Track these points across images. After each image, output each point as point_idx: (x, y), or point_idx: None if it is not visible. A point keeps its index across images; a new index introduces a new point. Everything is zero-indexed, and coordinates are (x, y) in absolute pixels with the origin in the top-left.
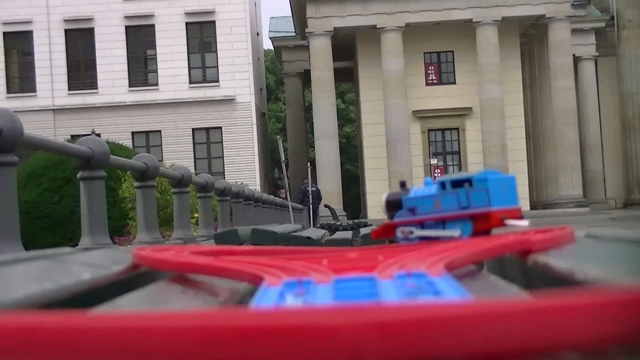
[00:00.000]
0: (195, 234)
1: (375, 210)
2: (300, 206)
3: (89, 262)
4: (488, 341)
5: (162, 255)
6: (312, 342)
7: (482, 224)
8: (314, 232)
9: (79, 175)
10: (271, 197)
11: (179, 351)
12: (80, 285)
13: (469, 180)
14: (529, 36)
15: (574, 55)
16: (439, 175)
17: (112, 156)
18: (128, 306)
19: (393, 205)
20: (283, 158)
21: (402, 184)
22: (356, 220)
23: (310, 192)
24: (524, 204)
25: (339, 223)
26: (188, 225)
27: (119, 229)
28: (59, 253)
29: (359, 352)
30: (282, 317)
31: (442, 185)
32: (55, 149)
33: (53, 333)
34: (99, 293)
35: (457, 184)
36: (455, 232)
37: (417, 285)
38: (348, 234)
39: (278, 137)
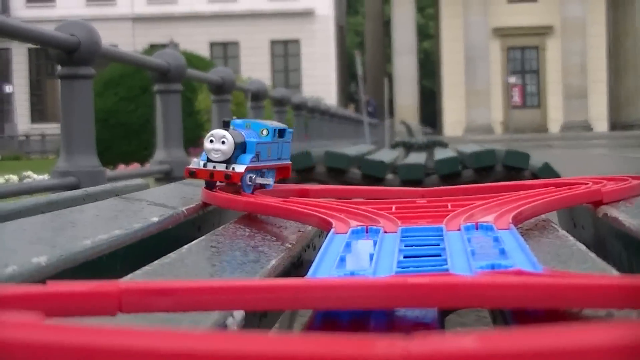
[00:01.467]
0: None
1: (451, 127)
2: (376, 121)
3: (157, 200)
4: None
5: (229, 195)
6: None
7: (280, 174)
8: (387, 154)
9: (155, 88)
10: (347, 111)
11: None
12: (150, 229)
13: (283, 131)
14: None
15: None
16: (517, 94)
17: (188, 69)
18: (193, 253)
19: (237, 147)
20: (360, 73)
21: (226, 124)
22: (431, 139)
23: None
24: (603, 125)
25: (414, 140)
26: None
27: (194, 140)
28: (128, 187)
29: None
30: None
31: (273, 132)
32: (132, 62)
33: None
34: (168, 234)
35: (280, 133)
36: (270, 181)
37: (483, 238)
38: (422, 158)
39: (356, 51)
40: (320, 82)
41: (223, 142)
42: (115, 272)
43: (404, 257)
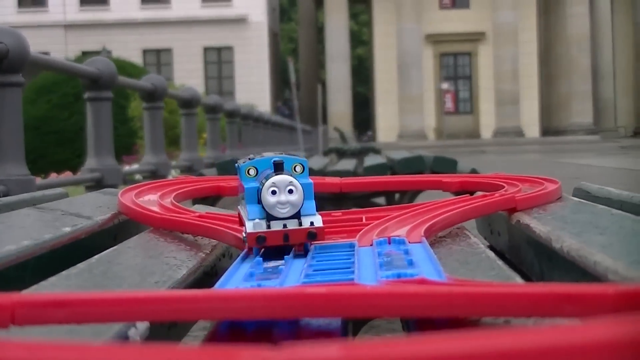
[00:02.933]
0: (203, 155)
1: (385, 133)
2: (310, 128)
3: (72, 210)
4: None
5: (144, 211)
6: None
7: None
8: (318, 161)
9: (85, 95)
10: (280, 118)
11: None
12: (61, 239)
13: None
14: None
15: None
16: (450, 100)
17: (120, 77)
18: (102, 262)
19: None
20: (293, 80)
21: (278, 166)
22: (364, 145)
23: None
24: (534, 131)
25: (347, 147)
26: (195, 147)
27: (127, 147)
28: (46, 197)
29: None
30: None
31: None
32: (62, 70)
33: None
34: (81, 244)
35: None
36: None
37: (393, 252)
38: (351, 164)
39: (289, 58)
40: (253, 89)
41: (291, 192)
42: (24, 283)
43: (314, 270)
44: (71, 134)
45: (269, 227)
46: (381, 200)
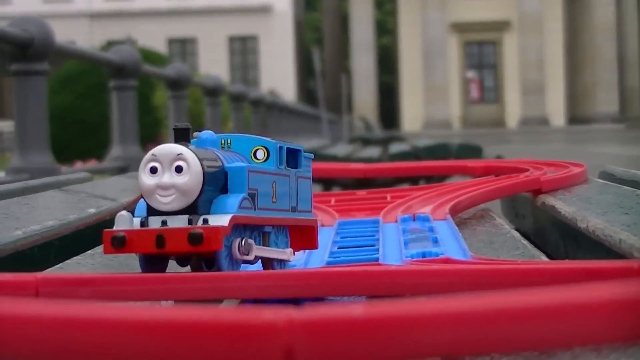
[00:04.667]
0: None
1: (410, 122)
2: (335, 117)
3: (97, 192)
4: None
5: None
6: (245, 341)
7: (298, 239)
8: (342, 149)
9: (111, 84)
10: (305, 107)
11: (105, 346)
12: (86, 220)
13: (297, 153)
14: None
15: None
16: (475, 89)
17: (144, 65)
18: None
19: (210, 178)
20: (318, 69)
21: (181, 133)
22: (388, 134)
23: None
24: (560, 120)
25: (372, 135)
26: None
27: (152, 136)
28: (70, 180)
29: (292, 354)
30: (212, 315)
31: (278, 154)
32: (86, 58)
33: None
34: (107, 226)
35: (291, 156)
36: (284, 253)
37: (418, 229)
38: (377, 151)
39: (313, 48)
40: (278, 78)
41: (179, 170)
42: (49, 263)
43: (338, 248)
44: (95, 124)
45: (144, 224)
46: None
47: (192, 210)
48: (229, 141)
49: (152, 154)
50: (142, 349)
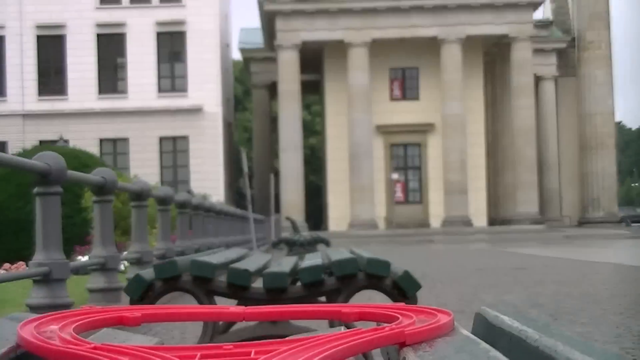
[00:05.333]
0: (154, 245)
1: (336, 222)
2: (262, 217)
3: None
4: None
5: (41, 343)
6: None
7: None
8: (256, 261)
9: (34, 190)
10: (232, 208)
11: None
12: None
13: None
14: (492, 55)
15: (535, 74)
16: (400, 190)
17: (69, 171)
18: None
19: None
20: (245, 170)
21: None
22: (314, 235)
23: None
24: (482, 220)
25: (297, 237)
26: (146, 239)
27: (81, 236)
28: None
29: None
30: None
31: None
32: (10, 165)
33: None
34: None
35: None
36: None
37: None
38: (289, 264)
39: (241, 149)
40: (208, 177)
41: None
42: None
43: None
44: (26, 223)
45: None
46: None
47: None
48: None
49: None
50: None
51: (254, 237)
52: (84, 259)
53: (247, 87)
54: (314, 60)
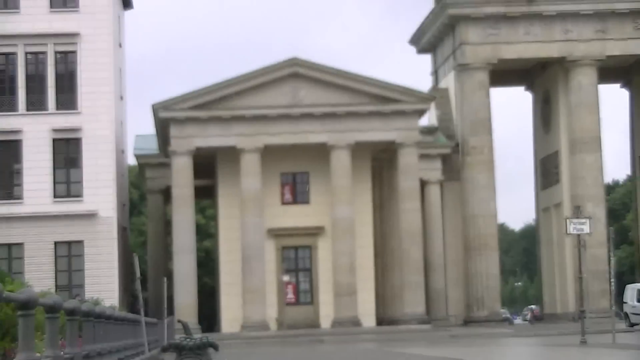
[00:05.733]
0: (42, 352)
1: (229, 323)
2: (155, 320)
3: None
4: None
5: None
6: None
7: None
8: None
9: None
10: (123, 313)
11: None
12: None
13: None
14: (380, 160)
15: (421, 178)
16: (291, 291)
17: None
18: None
19: None
20: (138, 274)
21: None
22: (204, 339)
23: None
24: (371, 320)
25: (187, 341)
26: (32, 347)
27: None
28: None
29: None
30: None
31: None
32: None
33: None
34: None
35: None
36: None
37: None
38: None
39: (134, 254)
40: (103, 281)
41: None
42: None
43: None
44: None
45: None
46: None
47: None
48: None
49: None
50: None
51: (145, 341)
52: None
53: (142, 191)
54: (208, 165)
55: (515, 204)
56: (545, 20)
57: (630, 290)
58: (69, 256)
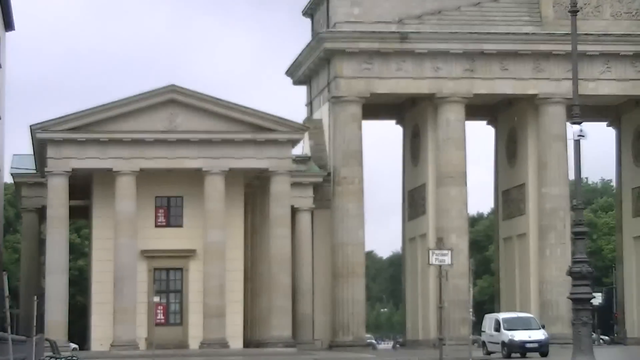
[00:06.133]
0: None
1: (99, 342)
2: (23, 338)
3: None
4: None
5: None
6: None
7: None
8: None
9: None
10: None
11: None
12: None
13: None
14: (253, 186)
15: (293, 206)
16: (161, 312)
17: None
18: None
19: None
20: (6, 293)
21: None
22: (71, 358)
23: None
24: (239, 343)
25: (54, 358)
26: None
27: None
28: None
29: None
30: None
31: None
32: None
33: None
34: None
35: None
36: None
37: None
38: None
39: (4, 272)
40: None
41: None
42: None
43: None
44: None
45: None
46: None
47: None
48: None
49: None
50: None
51: (11, 359)
52: None
53: (18, 210)
54: (84, 186)
55: (384, 232)
56: (416, 57)
57: (488, 319)
58: None
